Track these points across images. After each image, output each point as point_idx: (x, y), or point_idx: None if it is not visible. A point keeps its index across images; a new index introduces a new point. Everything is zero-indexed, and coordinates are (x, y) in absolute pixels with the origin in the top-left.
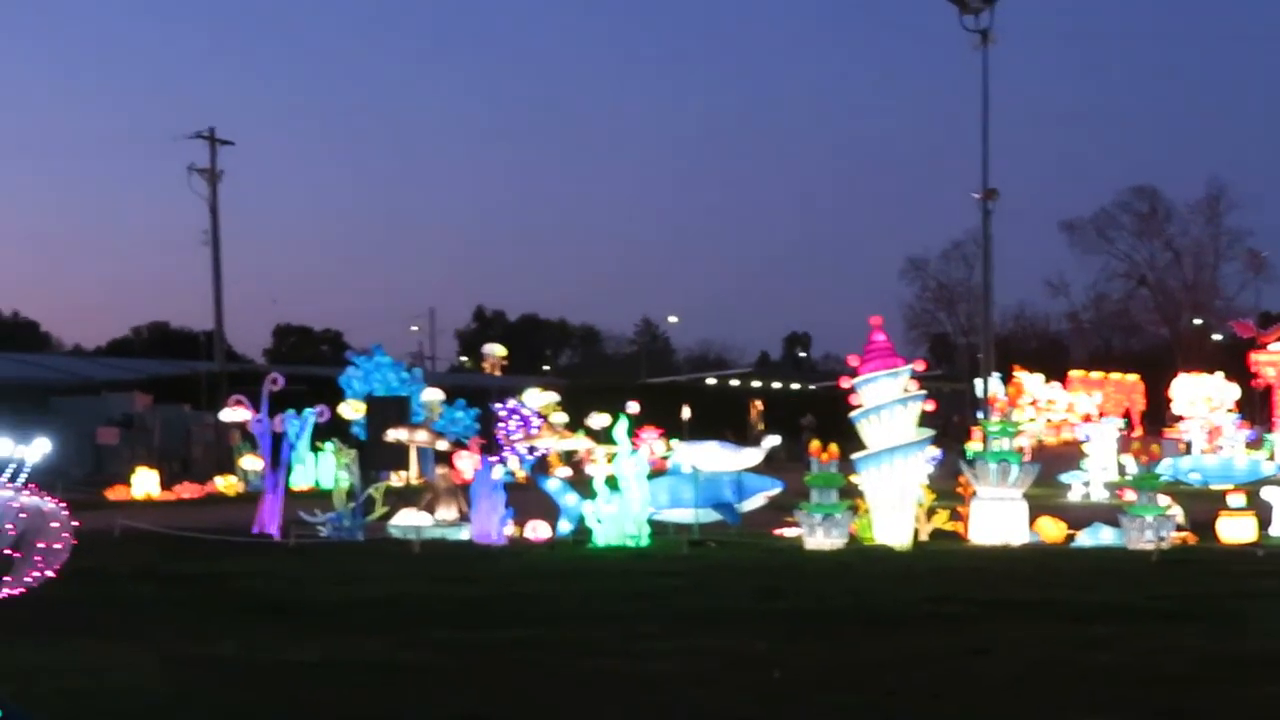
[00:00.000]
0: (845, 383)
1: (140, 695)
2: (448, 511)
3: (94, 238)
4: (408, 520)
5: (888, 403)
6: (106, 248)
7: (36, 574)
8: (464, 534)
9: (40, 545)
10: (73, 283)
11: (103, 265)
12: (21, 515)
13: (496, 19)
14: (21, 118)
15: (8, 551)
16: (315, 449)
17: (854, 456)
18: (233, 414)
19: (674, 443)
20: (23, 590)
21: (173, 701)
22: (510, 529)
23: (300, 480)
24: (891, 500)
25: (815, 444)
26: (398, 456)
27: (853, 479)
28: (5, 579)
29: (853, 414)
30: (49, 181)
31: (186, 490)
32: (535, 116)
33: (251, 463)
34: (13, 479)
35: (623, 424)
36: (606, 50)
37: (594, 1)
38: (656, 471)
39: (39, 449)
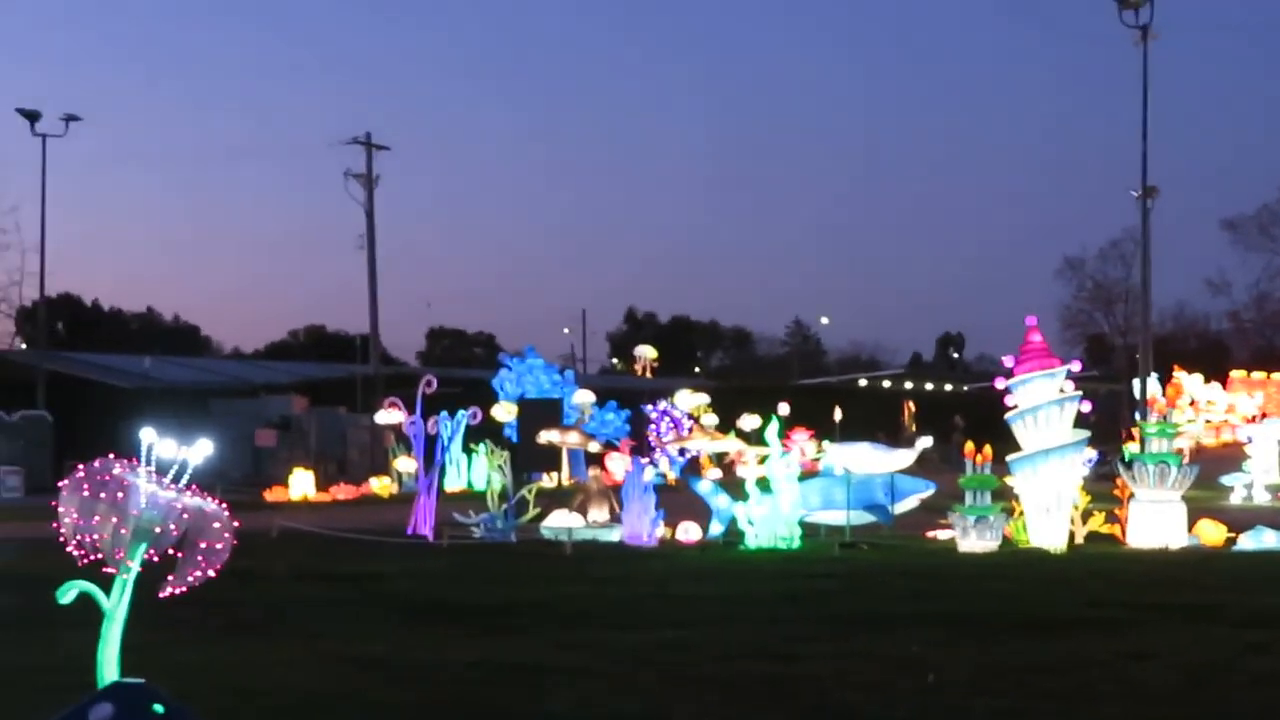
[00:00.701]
0: (1000, 384)
1: (299, 694)
2: (599, 513)
3: (253, 244)
4: (560, 522)
5: (1043, 404)
6: (266, 253)
7: (199, 573)
8: (615, 535)
9: (202, 545)
10: (232, 287)
11: (261, 270)
12: (184, 516)
13: (638, 19)
14: (185, 127)
15: (171, 551)
16: (468, 450)
17: (1009, 458)
18: (387, 416)
19: (825, 444)
20: (185, 589)
21: (331, 700)
22: (661, 530)
23: (453, 482)
24: (1046, 502)
25: (969, 446)
26: (550, 458)
27: (1007, 481)
28: (169, 578)
29: (1008, 415)
30: (210, 188)
31: (342, 491)
32: (688, 119)
33: (406, 464)
34: (176, 480)
35: (774, 425)
36: (752, 48)
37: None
38: (808, 473)
39: (201, 451)
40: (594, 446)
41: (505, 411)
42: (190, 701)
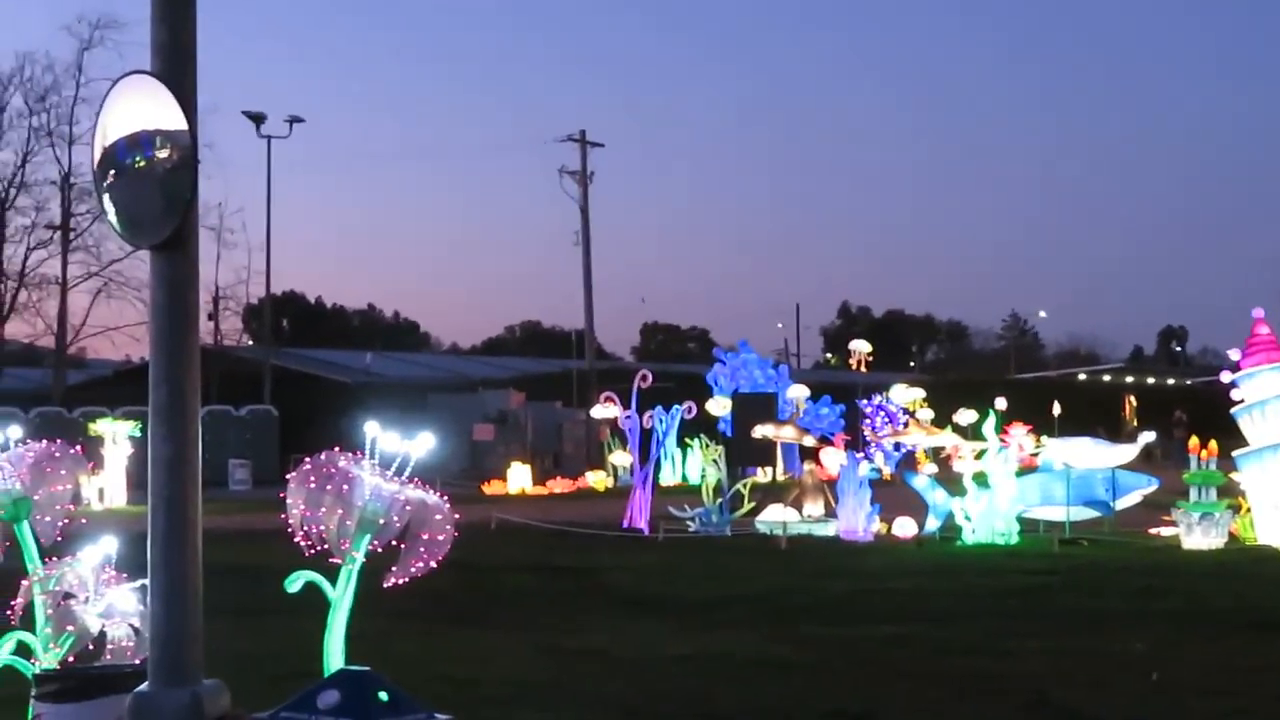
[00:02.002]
0: (1226, 377)
1: (515, 684)
2: (814, 507)
3: (470, 241)
4: (775, 516)
5: (1270, 398)
6: (482, 250)
7: (421, 564)
8: (831, 530)
9: (424, 537)
10: (450, 284)
11: (478, 267)
12: (407, 508)
13: (849, 14)
14: (399, 127)
15: (394, 542)
16: (683, 445)
17: (1235, 453)
18: (603, 410)
19: (1044, 439)
20: (408, 580)
21: (549, 691)
22: (877, 525)
23: (668, 476)
24: (1275, 498)
25: (1194, 441)
26: (764, 453)
27: (1233, 477)
28: (392, 569)
29: (1234, 409)
30: (426, 188)
31: (558, 485)
32: (903, 112)
33: (621, 458)
34: (398, 473)
35: (991, 420)
36: (963, 42)
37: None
38: (1026, 468)
39: (423, 444)
40: (809, 441)
41: (719, 406)
42: (412, 690)
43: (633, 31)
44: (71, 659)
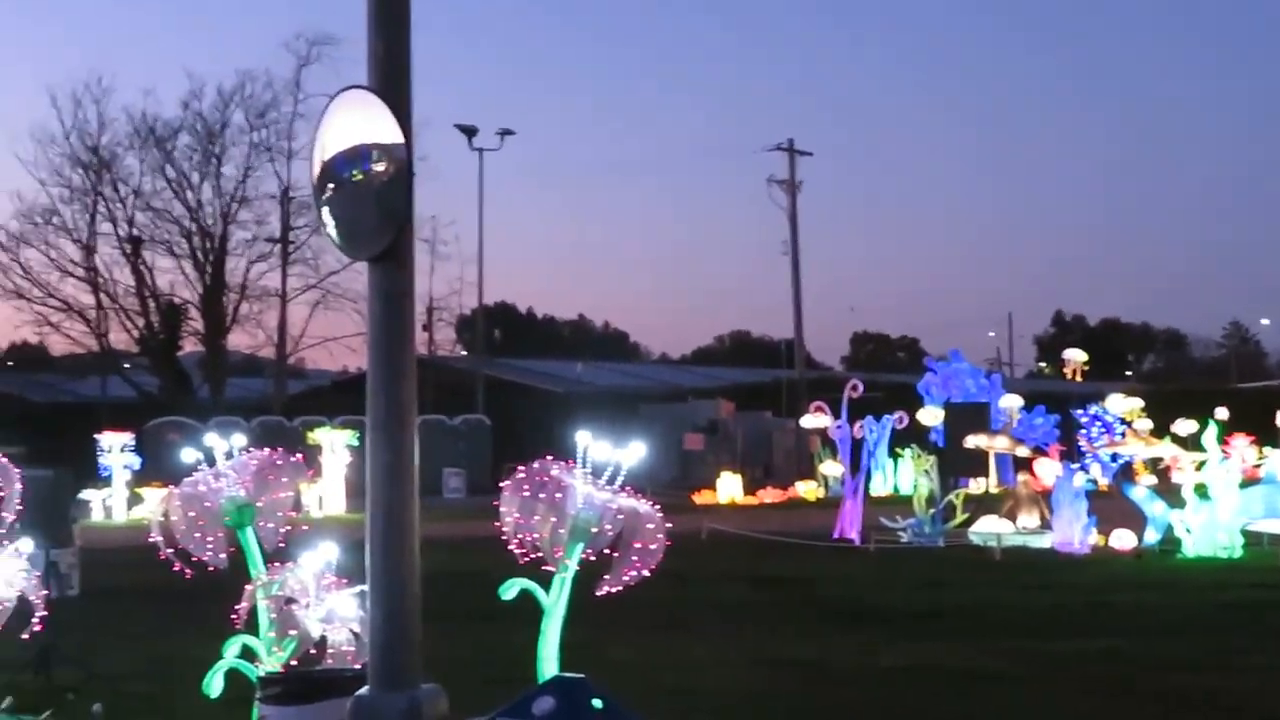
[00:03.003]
0: None
1: (727, 693)
2: (1029, 519)
3: (679, 250)
4: (988, 527)
5: None
6: (691, 260)
7: (633, 573)
8: (1046, 542)
9: (637, 545)
10: (659, 294)
11: (688, 277)
12: (619, 516)
13: (1052, 21)
14: (609, 139)
15: (607, 550)
16: (894, 455)
17: None
18: (813, 420)
19: (1268, 450)
20: (620, 588)
21: (758, 700)
22: (1094, 537)
23: (879, 486)
24: None
25: None
26: (977, 463)
27: None
28: (605, 577)
29: None
30: (636, 198)
31: (769, 495)
32: (1110, 113)
33: (832, 468)
34: (610, 482)
35: (1212, 430)
36: (1168, 46)
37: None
38: (1249, 480)
39: (634, 453)
40: (1022, 451)
41: (931, 416)
42: (624, 698)
43: (841, 39)
44: (294, 662)
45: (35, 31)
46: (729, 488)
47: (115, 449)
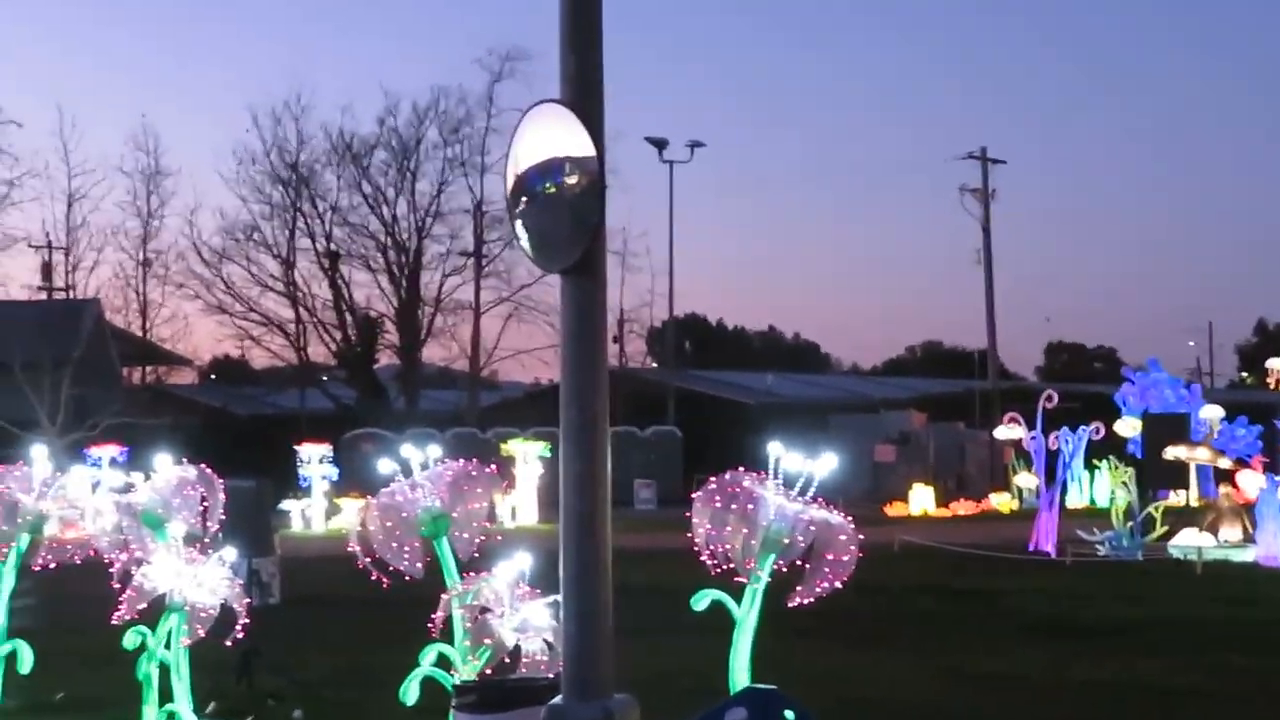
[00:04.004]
0: None
1: (921, 708)
2: (1231, 532)
3: (869, 261)
4: (1189, 540)
5: None
6: (882, 270)
7: (825, 584)
8: (1249, 555)
9: (829, 557)
10: (850, 305)
11: (878, 287)
12: (811, 528)
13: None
14: (798, 149)
15: (798, 562)
16: (1090, 466)
17: None
18: (1007, 431)
19: None
20: (813, 600)
21: (948, 714)
22: None
23: (1075, 498)
24: None
25: None
26: (1177, 475)
27: None
28: (797, 588)
29: None
30: (826, 209)
31: (962, 506)
32: None
33: (1026, 480)
34: (802, 493)
35: None
36: None
37: None
38: None
39: (826, 465)
40: (1224, 463)
41: (1129, 427)
42: (814, 709)
43: (1032, 47)
44: (488, 671)
45: (237, 51)
46: (921, 499)
47: (314, 460)
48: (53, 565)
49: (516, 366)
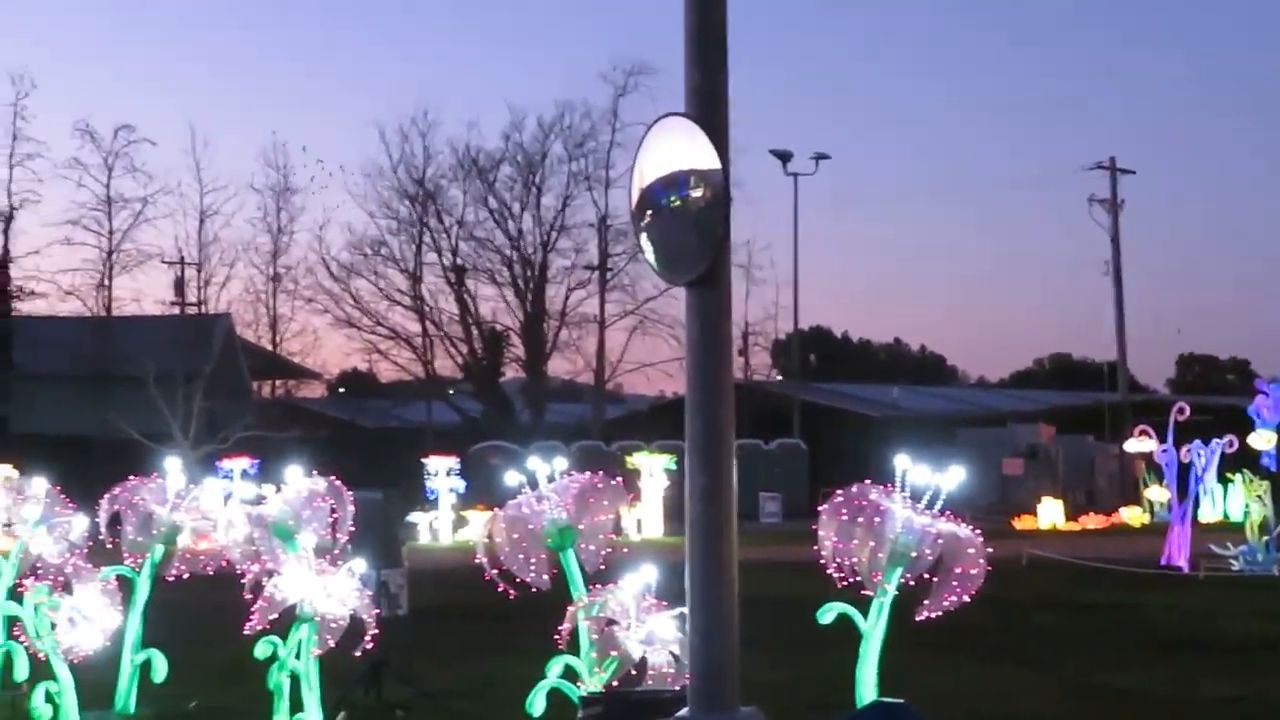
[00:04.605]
0: None
1: None
2: None
3: (996, 273)
4: None
5: None
6: (1008, 282)
7: (953, 598)
8: None
9: (957, 570)
10: (976, 317)
11: (1004, 299)
12: (939, 541)
13: None
14: (923, 161)
15: (925, 575)
16: (1224, 480)
17: None
18: (1137, 444)
19: None
20: (940, 613)
21: None
22: None
23: (1208, 512)
24: None
25: None
26: None
27: None
28: (924, 602)
29: None
30: (952, 221)
31: (1091, 520)
32: None
33: (1157, 493)
34: (929, 506)
35: None
36: None
37: None
38: None
39: (954, 477)
40: None
41: (1262, 440)
42: None
43: (1160, 55)
44: (615, 683)
45: (363, 69)
46: (1050, 513)
47: (441, 473)
48: (185, 576)
49: (641, 379)
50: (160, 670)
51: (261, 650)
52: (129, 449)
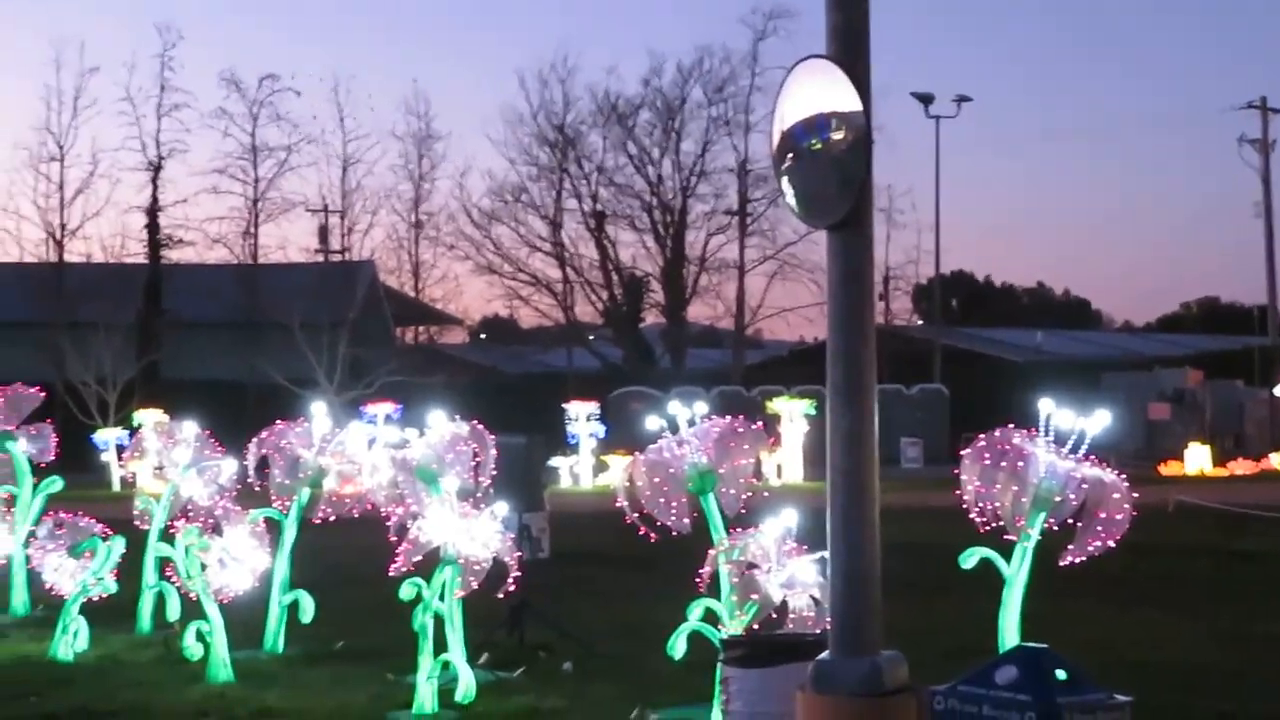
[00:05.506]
0: None
1: (1196, 670)
2: None
3: (1142, 214)
4: None
5: None
6: (1155, 224)
7: (1098, 543)
8: None
9: (1101, 515)
10: (1121, 260)
11: (1151, 242)
12: (1083, 486)
13: None
14: (1066, 102)
15: (1069, 520)
16: None
17: None
18: None
19: None
20: (1084, 559)
21: (1230, 679)
22: None
23: None
24: None
25: None
26: None
27: None
28: (1068, 547)
29: None
30: (1096, 163)
31: (1240, 466)
32: None
33: None
34: (1073, 451)
35: None
36: None
37: None
38: None
39: (1099, 421)
40: None
41: None
42: (1086, 670)
43: None
44: (756, 626)
45: (503, 15)
46: (1197, 459)
47: (582, 418)
48: (332, 519)
49: (781, 324)
50: (307, 611)
51: (406, 592)
52: (276, 394)
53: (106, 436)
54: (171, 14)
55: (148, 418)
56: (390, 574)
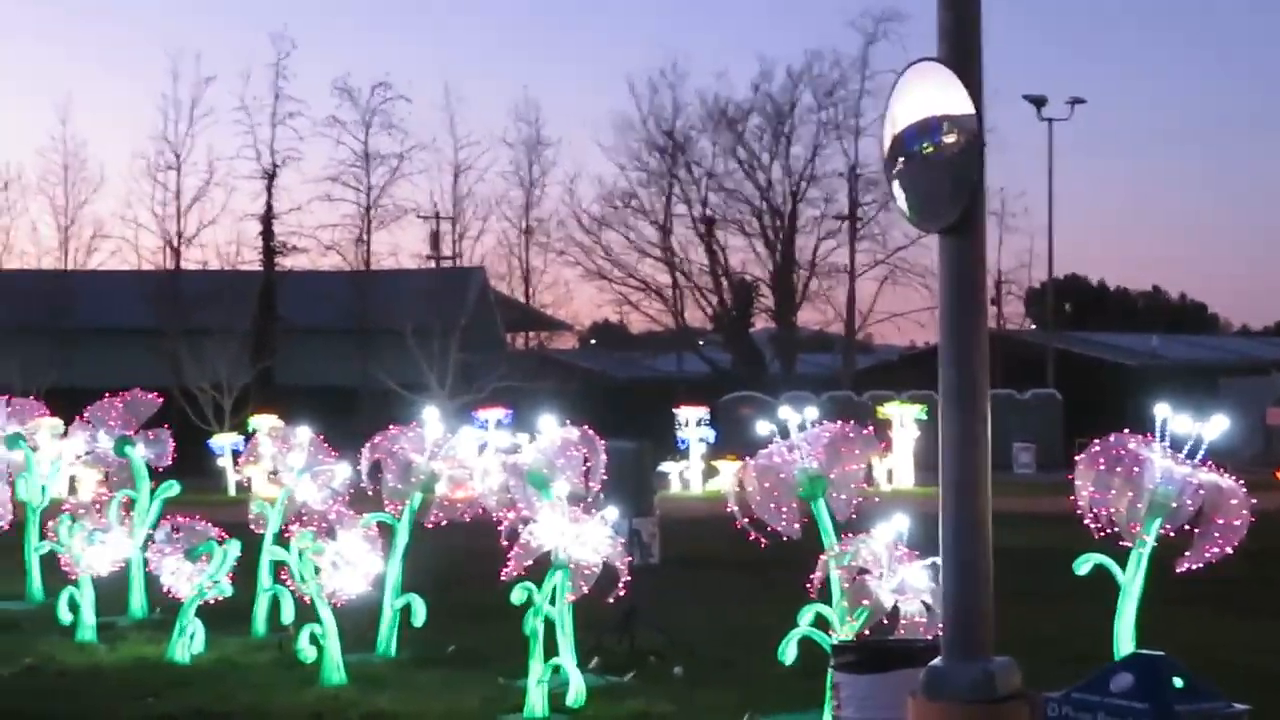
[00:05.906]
0: None
1: None
2: None
3: (1258, 216)
4: None
5: None
6: (1272, 226)
7: (1215, 550)
8: None
9: (1219, 521)
10: (1239, 263)
11: (1268, 244)
12: (1200, 491)
13: None
14: (1182, 104)
15: (1186, 527)
16: None
17: None
18: None
19: None
20: (1201, 565)
21: None
22: None
23: None
24: None
25: None
26: None
27: None
28: (1185, 553)
29: None
30: (1213, 163)
31: None
32: None
33: None
34: (1190, 456)
35: None
36: None
37: None
38: None
39: (1216, 427)
40: None
41: None
42: (1203, 678)
43: None
44: (867, 632)
45: (612, 21)
46: None
47: (691, 423)
48: (444, 523)
49: (892, 329)
50: (419, 614)
51: (517, 596)
52: (388, 399)
53: (222, 442)
54: (286, 23)
55: (262, 423)
56: (501, 578)
